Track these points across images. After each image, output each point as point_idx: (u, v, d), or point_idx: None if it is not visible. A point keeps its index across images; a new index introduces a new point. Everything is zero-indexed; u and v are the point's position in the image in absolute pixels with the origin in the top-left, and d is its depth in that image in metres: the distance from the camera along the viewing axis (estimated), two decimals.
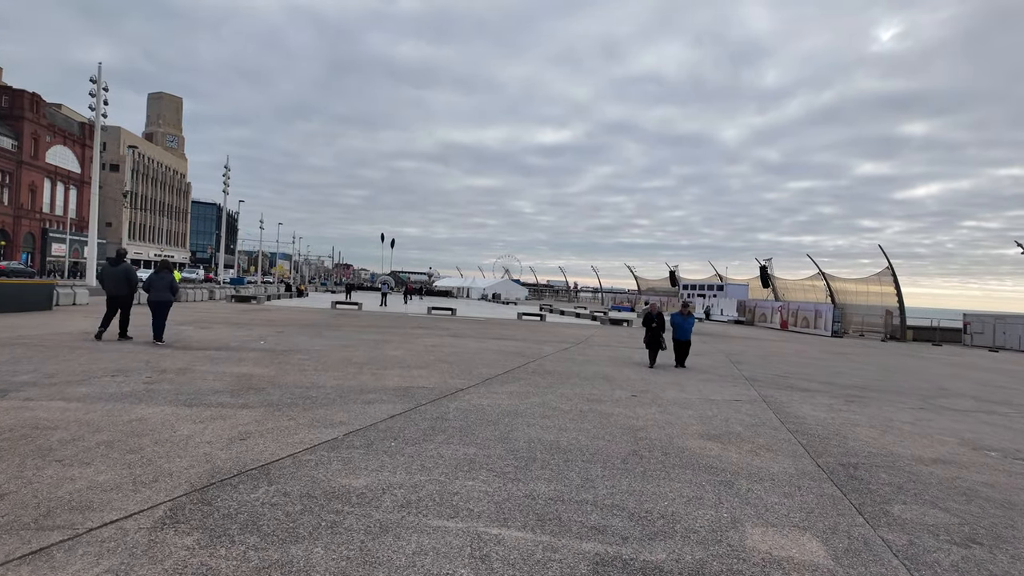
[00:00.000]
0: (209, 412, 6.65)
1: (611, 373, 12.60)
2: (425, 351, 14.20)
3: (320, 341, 14.82)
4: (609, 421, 7.73)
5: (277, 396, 7.78)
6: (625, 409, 8.66)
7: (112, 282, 12.90)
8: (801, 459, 6.53)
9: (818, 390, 12.50)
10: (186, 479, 4.44)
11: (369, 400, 7.94)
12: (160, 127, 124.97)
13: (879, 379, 15.77)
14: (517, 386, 10.04)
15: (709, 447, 6.73)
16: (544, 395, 9.34)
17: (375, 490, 4.50)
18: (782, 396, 11.22)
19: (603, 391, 10.20)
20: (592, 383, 11.01)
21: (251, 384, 8.52)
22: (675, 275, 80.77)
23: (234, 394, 7.73)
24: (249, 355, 11.50)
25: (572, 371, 12.47)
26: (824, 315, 46.69)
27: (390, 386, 9.16)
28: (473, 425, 6.90)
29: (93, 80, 43.49)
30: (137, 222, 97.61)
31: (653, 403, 9.38)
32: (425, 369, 11.26)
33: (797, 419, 8.98)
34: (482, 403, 8.30)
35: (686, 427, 7.74)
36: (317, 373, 9.88)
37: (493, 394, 9.11)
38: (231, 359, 10.81)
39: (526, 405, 8.39)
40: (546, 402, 8.74)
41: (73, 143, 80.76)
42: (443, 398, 8.49)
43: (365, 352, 13.19)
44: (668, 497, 4.87)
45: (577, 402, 8.93)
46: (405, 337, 17.56)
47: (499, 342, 18.03)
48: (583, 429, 7.12)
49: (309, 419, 6.63)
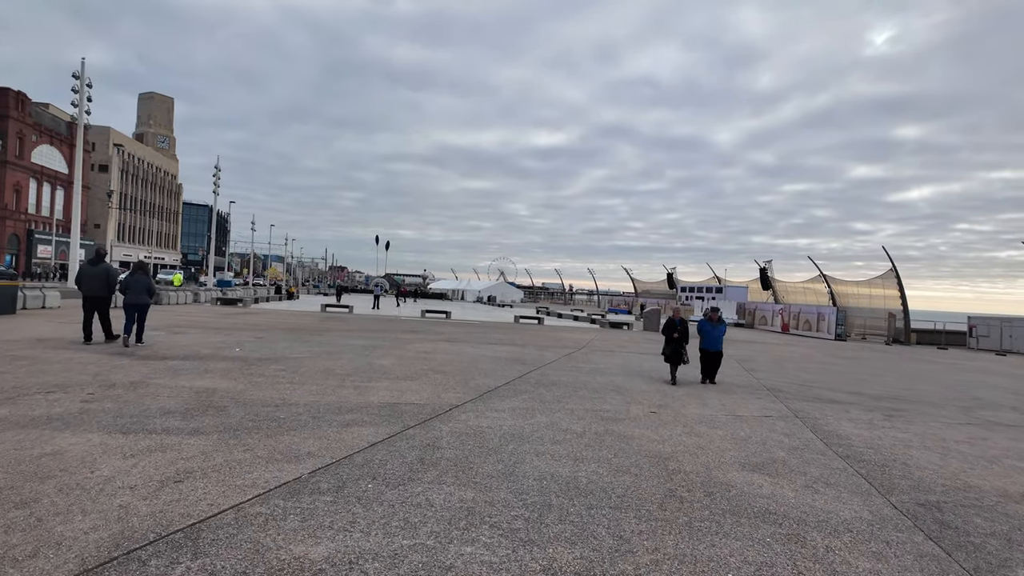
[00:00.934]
0: (148, 441, 5.43)
1: (622, 384, 11.43)
2: (417, 359, 13.00)
3: (302, 348, 13.59)
4: (631, 446, 6.55)
5: (238, 418, 6.57)
6: (647, 430, 7.48)
7: (91, 283, 12.28)
8: (870, 497, 5.36)
9: (849, 402, 11.37)
10: (78, 553, 3.22)
11: (347, 422, 6.73)
12: (151, 128, 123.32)
13: (905, 388, 14.67)
14: (520, 401, 8.85)
15: (757, 482, 5.56)
16: (551, 412, 8.15)
17: (339, 565, 3.30)
18: (813, 410, 10.07)
19: (617, 406, 9.02)
20: (603, 396, 9.83)
21: (211, 402, 7.30)
22: (672, 277, 79.73)
23: (187, 416, 6.51)
24: (218, 365, 10.27)
25: (579, 381, 11.29)
26: (827, 318, 45.64)
27: (374, 403, 7.95)
28: (471, 455, 5.70)
29: (76, 76, 42.09)
30: (126, 224, 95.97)
31: (676, 421, 8.20)
32: (416, 380, 10.06)
33: (841, 439, 7.83)
34: (480, 424, 7.10)
35: (722, 453, 6.57)
36: (292, 387, 8.66)
37: (493, 411, 7.91)
38: (196, 370, 9.58)
39: (532, 426, 7.20)
40: (554, 422, 7.55)
41: (60, 143, 79.14)
42: (435, 418, 7.29)
43: (350, 361, 11.97)
44: (730, 564, 3.69)
45: (590, 421, 7.75)
46: (395, 343, 16.34)
47: (497, 348, 16.84)
48: (603, 459, 5.94)
49: (270, 450, 5.42)
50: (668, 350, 12.07)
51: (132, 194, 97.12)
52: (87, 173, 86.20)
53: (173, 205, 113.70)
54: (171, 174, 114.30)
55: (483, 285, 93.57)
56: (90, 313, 12.31)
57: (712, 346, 12.49)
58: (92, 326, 12.31)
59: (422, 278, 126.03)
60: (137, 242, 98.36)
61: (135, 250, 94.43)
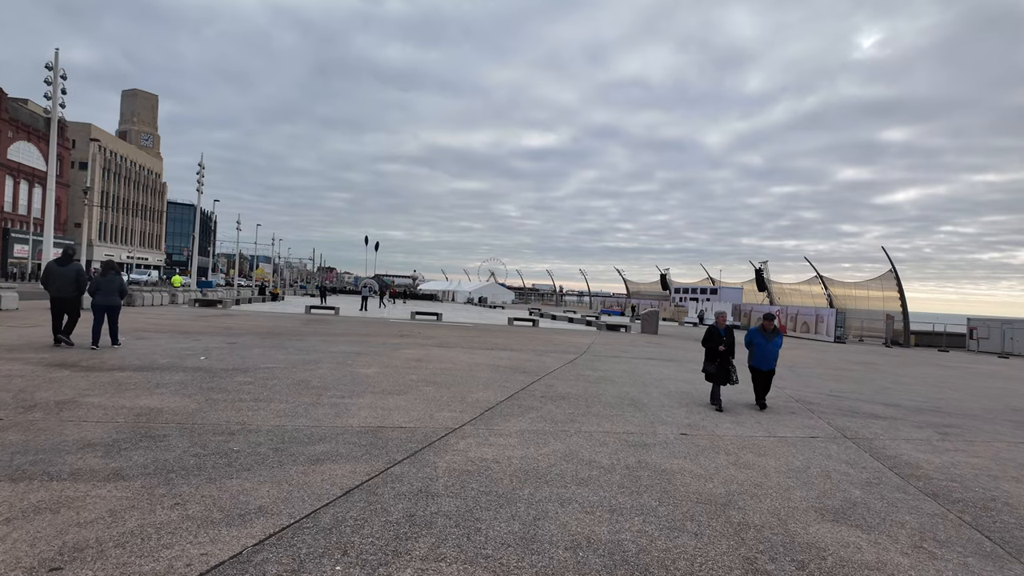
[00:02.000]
0: (41, 494, 4.04)
1: (637, 396, 10.12)
2: (406, 367, 11.61)
3: (277, 355, 12.16)
4: (675, 486, 5.22)
5: (178, 452, 5.17)
6: (686, 461, 6.16)
7: (59, 283, 11.58)
8: (1005, 563, 4.08)
9: (890, 416, 10.14)
10: None
11: (318, 456, 5.36)
12: (134, 125, 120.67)
13: (935, 396, 13.49)
14: (527, 421, 7.50)
15: (850, 540, 4.26)
16: (567, 436, 6.82)
17: None
18: (858, 427, 8.82)
19: (641, 426, 7.70)
20: (621, 413, 8.51)
21: (150, 429, 5.90)
22: (666, 278, 78.73)
23: (111, 450, 5.11)
24: (174, 377, 8.84)
25: (590, 394, 9.97)
26: (826, 320, 44.74)
27: (354, 426, 6.58)
28: (476, 507, 4.35)
29: (49, 67, 40.16)
30: (108, 223, 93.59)
31: (715, 447, 6.90)
32: (405, 395, 8.69)
33: (913, 469, 6.56)
34: (484, 455, 5.75)
35: (786, 494, 5.27)
36: (256, 406, 7.27)
37: (498, 436, 6.57)
38: (145, 384, 8.15)
39: (548, 457, 5.86)
40: (573, 450, 6.21)
41: (38, 139, 76.87)
42: (428, 447, 5.93)
43: (330, 370, 10.58)
44: None
45: (616, 448, 6.42)
46: (383, 348, 14.94)
47: (493, 353, 15.49)
48: (647, 508, 4.61)
49: (208, 504, 4.04)
50: (712, 367, 9.66)
51: (114, 192, 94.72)
52: (66, 170, 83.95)
53: (157, 204, 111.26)
54: (155, 172, 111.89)
55: (474, 286, 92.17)
56: (59, 315, 11.70)
57: (765, 364, 9.93)
58: (62, 327, 11.70)
59: (412, 279, 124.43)
60: (119, 241, 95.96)
61: (117, 250, 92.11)
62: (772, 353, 9.93)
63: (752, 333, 10.17)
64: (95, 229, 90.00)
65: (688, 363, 16.77)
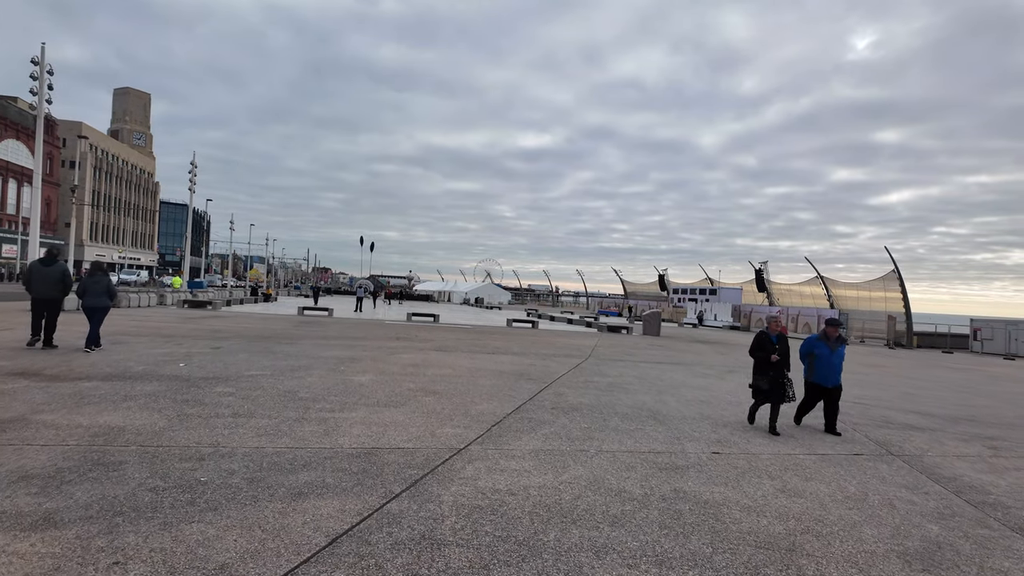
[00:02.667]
0: None
1: (654, 406, 9.30)
2: (403, 374, 10.77)
3: (264, 361, 11.30)
4: (725, 523, 4.40)
5: (133, 485, 4.33)
6: (728, 488, 5.34)
7: (43, 284, 11.26)
8: None
9: (929, 427, 9.37)
10: None
11: (300, 488, 4.52)
12: (126, 124, 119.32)
13: (963, 403, 12.74)
14: (541, 438, 6.67)
15: None
16: (588, 458, 5.99)
17: None
18: (900, 441, 8.03)
19: (666, 443, 6.88)
20: (642, 427, 7.69)
21: (105, 454, 5.04)
22: (664, 279, 78.00)
23: (50, 485, 4.26)
24: (146, 388, 7.97)
25: (603, 404, 9.14)
26: None
27: (344, 448, 5.73)
28: (494, 564, 3.52)
29: (35, 62, 39.13)
30: (100, 222, 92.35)
31: (755, 469, 6.08)
32: (402, 407, 7.85)
33: (980, 494, 5.77)
34: (497, 486, 4.92)
35: (856, 532, 4.45)
36: (235, 422, 6.42)
37: (509, 459, 5.74)
38: (112, 396, 7.28)
39: (570, 486, 5.03)
40: (598, 476, 5.38)
41: (28, 138, 75.53)
42: (430, 474, 5.09)
43: (321, 378, 9.73)
44: None
45: (646, 473, 5.60)
46: (379, 353, 14.09)
47: (495, 357, 14.65)
48: (701, 557, 3.78)
49: (155, 562, 3.20)
50: (763, 382, 8.04)
51: (106, 192, 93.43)
52: (56, 169, 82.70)
53: (150, 204, 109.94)
54: (147, 171, 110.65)
55: (470, 287, 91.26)
56: (40, 316, 11.32)
57: (830, 379, 8.19)
58: (40, 329, 11.35)
59: (408, 279, 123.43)
60: (111, 241, 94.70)
61: (108, 249, 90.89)
62: (838, 365, 8.27)
63: (812, 342, 8.46)
64: (86, 229, 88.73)
65: (698, 367, 15.99)
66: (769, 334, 8.21)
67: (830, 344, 8.28)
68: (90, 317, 11.55)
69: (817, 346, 8.33)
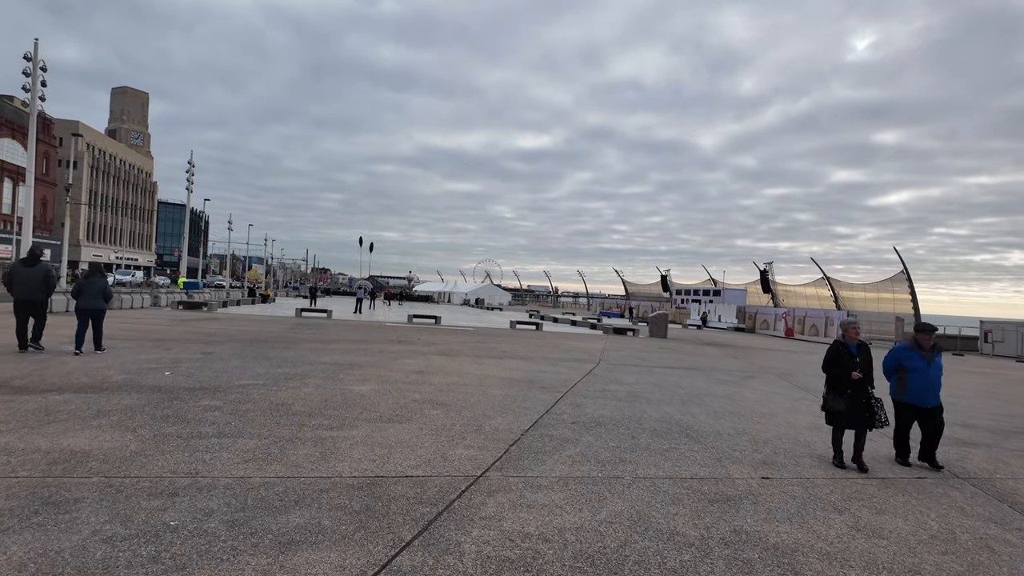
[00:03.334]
0: None
1: (683, 419, 8.51)
2: (407, 383, 9.98)
3: (257, 368, 10.50)
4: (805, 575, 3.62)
5: (85, 534, 3.53)
6: (794, 526, 4.54)
7: (25, 285, 10.84)
8: None
9: (981, 442, 8.62)
10: None
11: (290, 535, 3.72)
12: (124, 123, 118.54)
13: (1006, 413, 11.96)
14: (567, 462, 5.88)
15: None
16: (625, 487, 5.19)
17: None
18: (958, 459, 7.25)
19: (708, 466, 6.09)
20: (675, 445, 6.89)
21: (59, 489, 4.25)
22: (667, 279, 77.12)
23: None
24: (123, 401, 7.17)
25: (627, 417, 8.35)
26: (836, 322, 43.25)
27: (344, 476, 4.94)
28: None
29: (28, 58, 38.31)
30: (97, 222, 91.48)
31: (814, 498, 5.29)
32: (408, 423, 7.06)
33: None
34: (527, 528, 4.12)
35: None
36: (219, 443, 5.62)
37: (535, 490, 4.94)
38: (82, 412, 6.48)
39: (611, 527, 4.24)
40: (642, 513, 4.59)
41: (24, 136, 74.50)
42: (446, 512, 4.30)
43: (317, 388, 8.93)
44: None
45: (695, 506, 4.80)
46: (380, 358, 13.29)
47: (503, 363, 13.86)
48: None
49: None
50: (841, 403, 6.52)
51: (103, 192, 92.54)
52: (52, 169, 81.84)
53: (147, 204, 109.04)
54: (145, 171, 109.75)
55: (470, 287, 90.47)
56: (24, 318, 10.90)
57: (927, 398, 6.73)
58: (28, 332, 10.95)
59: (407, 280, 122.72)
60: (108, 242, 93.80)
61: (105, 250, 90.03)
62: (936, 380, 6.77)
63: (900, 354, 6.98)
64: (83, 229, 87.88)
65: (714, 373, 15.20)
66: (847, 343, 6.73)
67: (925, 354, 6.80)
68: (83, 320, 11.10)
69: (908, 357, 6.85)
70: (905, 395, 6.83)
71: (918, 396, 6.74)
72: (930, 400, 6.74)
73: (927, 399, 6.73)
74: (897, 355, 7.01)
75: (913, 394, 6.76)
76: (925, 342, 6.87)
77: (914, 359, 6.80)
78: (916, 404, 6.77)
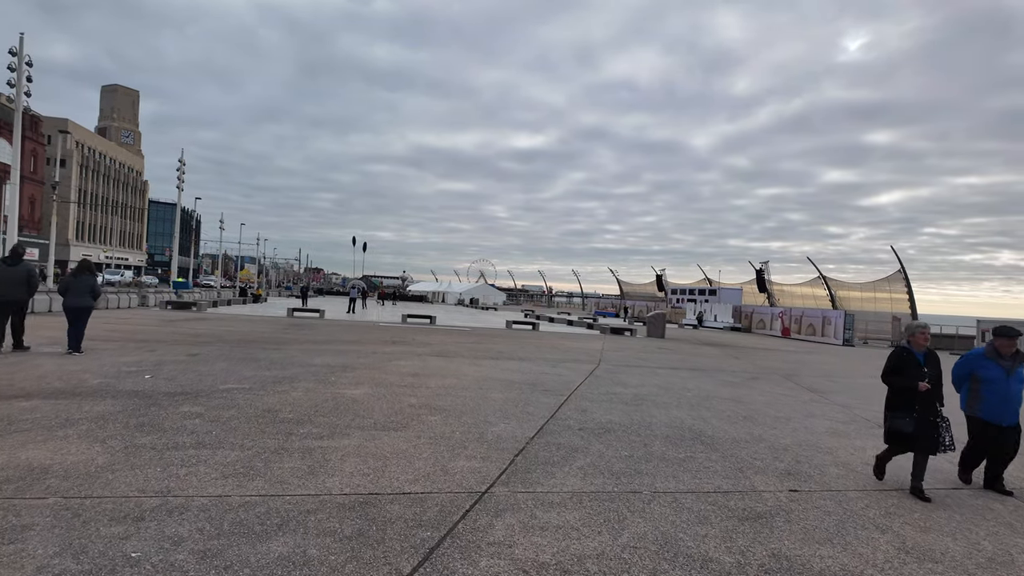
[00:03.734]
0: None
1: (695, 424, 8.04)
2: (402, 387, 9.47)
3: (244, 371, 9.97)
4: None
5: (29, 571, 3.02)
6: (834, 548, 4.07)
7: (5, 285, 10.62)
8: None
9: None
10: None
11: (270, 570, 3.20)
12: (114, 121, 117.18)
13: None
14: (578, 474, 5.39)
15: None
16: (645, 504, 4.72)
17: None
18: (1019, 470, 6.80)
19: (730, 477, 5.62)
20: (692, 454, 6.42)
21: (8, 513, 3.72)
22: (662, 279, 76.82)
23: None
24: (96, 408, 6.64)
25: (636, 423, 7.88)
26: (834, 322, 43.08)
27: (334, 493, 4.44)
28: None
29: (13, 52, 37.48)
30: (86, 222, 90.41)
31: (852, 515, 4.82)
32: (404, 430, 6.56)
33: None
34: (542, 558, 3.63)
35: None
36: (197, 455, 5.10)
37: (548, 509, 4.46)
38: (49, 421, 5.95)
39: (637, 554, 3.76)
40: (668, 535, 4.11)
41: (11, 134, 73.58)
42: (449, 538, 3.81)
43: (308, 392, 8.41)
44: None
45: (725, 526, 4.32)
46: (374, 359, 12.78)
47: (501, 364, 13.37)
48: None
49: None
50: (907, 422, 5.59)
51: (92, 190, 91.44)
52: (40, 167, 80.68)
53: (138, 203, 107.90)
54: (136, 170, 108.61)
55: (464, 287, 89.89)
56: (3, 319, 10.72)
57: (1004, 415, 5.78)
58: (5, 333, 10.73)
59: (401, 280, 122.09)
60: (98, 241, 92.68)
61: (95, 249, 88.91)
62: (1017, 394, 5.77)
63: (974, 361, 6.04)
64: (72, 228, 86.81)
65: (718, 374, 14.76)
66: (912, 349, 5.82)
67: (1003, 363, 5.81)
68: (70, 318, 11.03)
69: (982, 366, 5.91)
70: (978, 410, 5.93)
71: (992, 412, 5.81)
72: (1008, 417, 5.77)
73: (1004, 416, 5.77)
74: (970, 362, 6.07)
75: (987, 409, 5.85)
76: (1005, 349, 5.81)
77: (990, 368, 5.85)
78: (992, 420, 5.82)
